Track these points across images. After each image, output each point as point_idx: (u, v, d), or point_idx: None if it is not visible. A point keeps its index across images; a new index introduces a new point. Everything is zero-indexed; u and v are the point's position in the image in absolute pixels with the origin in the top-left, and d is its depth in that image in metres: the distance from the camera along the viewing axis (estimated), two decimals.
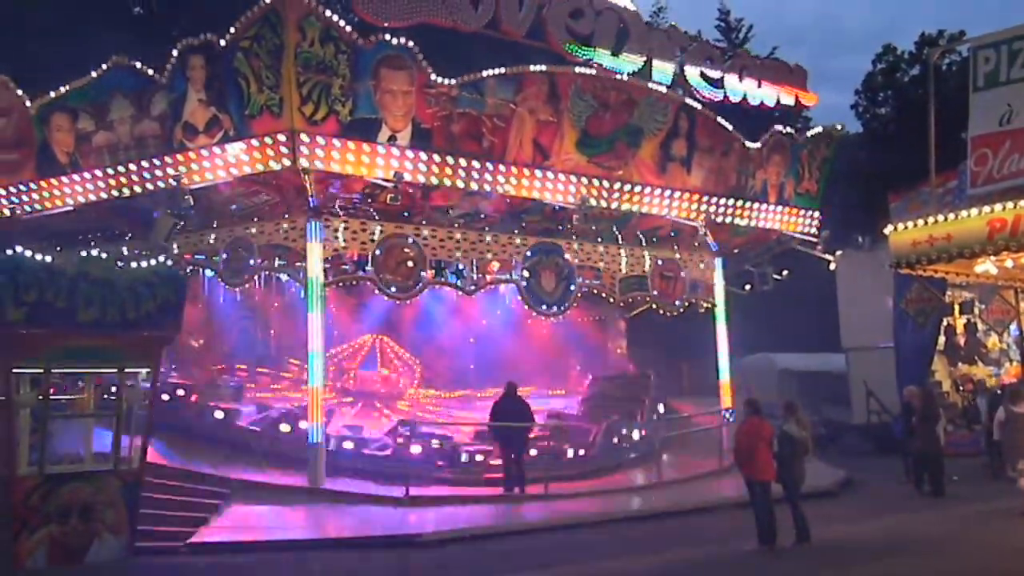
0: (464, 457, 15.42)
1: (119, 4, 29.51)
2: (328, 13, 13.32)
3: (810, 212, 19.94)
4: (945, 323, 20.96)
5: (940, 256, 13.91)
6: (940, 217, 14.04)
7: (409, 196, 14.90)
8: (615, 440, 17.61)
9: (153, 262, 10.72)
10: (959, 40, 36.35)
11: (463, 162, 14.61)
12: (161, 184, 14.70)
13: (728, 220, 18.37)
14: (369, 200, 14.91)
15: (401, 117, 13.94)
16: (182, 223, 14.91)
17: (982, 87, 14.36)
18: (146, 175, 14.85)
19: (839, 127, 20.48)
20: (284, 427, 15.50)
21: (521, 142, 15.18)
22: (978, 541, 11.38)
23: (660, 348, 25.43)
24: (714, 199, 17.94)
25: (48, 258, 9.90)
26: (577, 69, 15.71)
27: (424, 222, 15.54)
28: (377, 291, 15.25)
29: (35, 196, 16.33)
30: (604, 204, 16.43)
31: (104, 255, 10.49)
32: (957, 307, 21.65)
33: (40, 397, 10.00)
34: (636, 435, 18.02)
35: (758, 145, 18.56)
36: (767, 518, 10.84)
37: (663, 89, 16.95)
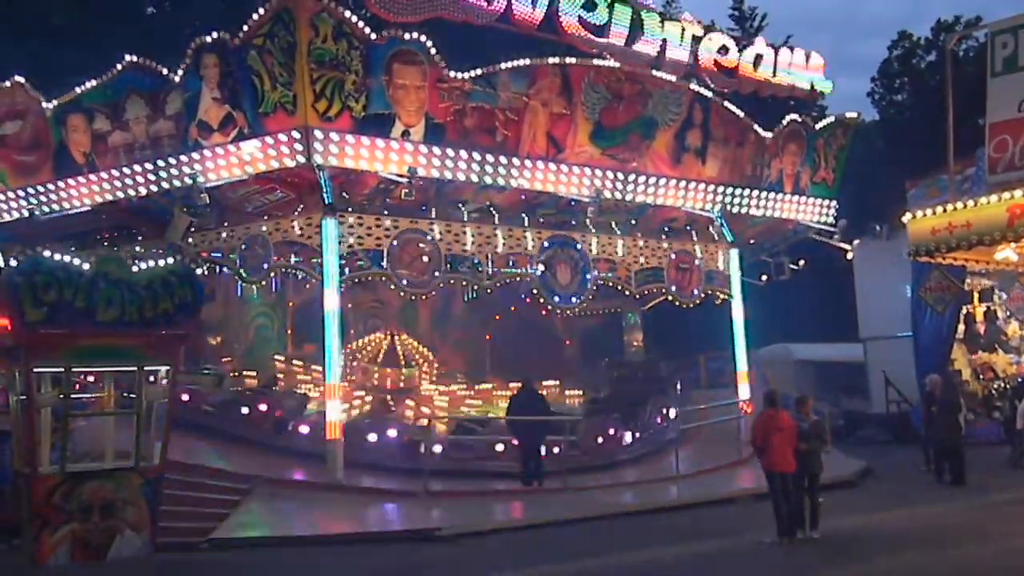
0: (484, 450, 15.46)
1: (133, 4, 29.65)
2: (340, 9, 13.33)
3: (826, 201, 19.80)
4: (964, 311, 20.81)
5: (959, 243, 13.76)
6: (959, 204, 13.89)
7: (423, 191, 14.89)
8: (636, 434, 17.61)
9: (170, 260, 10.77)
10: (975, 26, 35.99)
11: (477, 156, 14.60)
12: (177, 183, 14.79)
13: (744, 210, 18.28)
14: (383, 195, 14.92)
15: (414, 112, 13.96)
16: (198, 221, 14.96)
17: (1000, 72, 14.18)
18: (162, 174, 14.95)
19: (855, 115, 20.29)
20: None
21: (535, 135, 15.16)
22: (1000, 531, 11.27)
23: (676, 340, 25.34)
24: (729, 189, 17.86)
25: (67, 258, 9.97)
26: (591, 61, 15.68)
27: (438, 217, 15.54)
28: (392, 286, 15.27)
29: (52, 197, 16.45)
30: (619, 196, 16.38)
31: (122, 254, 10.53)
32: (976, 295, 21.51)
33: (61, 396, 10.09)
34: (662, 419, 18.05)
35: (773, 134, 18.45)
36: (785, 510, 10.82)
37: (675, 79, 16.85)
